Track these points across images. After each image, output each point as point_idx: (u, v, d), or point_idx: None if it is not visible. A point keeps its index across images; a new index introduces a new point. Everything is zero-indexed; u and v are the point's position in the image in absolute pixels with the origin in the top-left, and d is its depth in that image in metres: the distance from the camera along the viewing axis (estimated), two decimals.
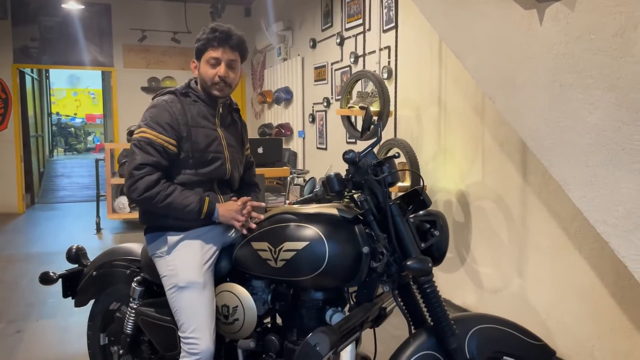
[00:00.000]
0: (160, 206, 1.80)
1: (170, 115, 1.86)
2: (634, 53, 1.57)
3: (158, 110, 1.86)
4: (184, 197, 1.82)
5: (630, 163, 1.61)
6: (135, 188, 1.80)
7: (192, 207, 1.81)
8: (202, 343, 1.73)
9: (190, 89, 1.96)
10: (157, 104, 1.89)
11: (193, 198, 1.82)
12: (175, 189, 1.82)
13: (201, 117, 1.92)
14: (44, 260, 5.10)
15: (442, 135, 3.84)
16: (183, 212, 1.81)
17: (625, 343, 2.51)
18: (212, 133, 1.93)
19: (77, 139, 17.29)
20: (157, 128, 1.83)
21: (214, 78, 1.90)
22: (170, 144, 1.84)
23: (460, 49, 2.40)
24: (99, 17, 8.43)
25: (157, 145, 1.82)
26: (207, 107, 1.95)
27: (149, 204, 1.81)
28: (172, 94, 1.92)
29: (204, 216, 1.83)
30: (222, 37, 1.88)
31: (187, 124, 1.87)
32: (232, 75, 1.92)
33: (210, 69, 1.90)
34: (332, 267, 1.61)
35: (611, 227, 1.69)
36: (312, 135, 6.48)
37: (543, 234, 2.97)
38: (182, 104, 1.90)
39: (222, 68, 1.89)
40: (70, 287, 2.29)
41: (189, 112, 1.90)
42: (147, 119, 1.86)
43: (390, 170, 1.64)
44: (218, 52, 1.88)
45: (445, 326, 1.56)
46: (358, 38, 5.06)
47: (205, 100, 1.95)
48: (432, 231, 1.68)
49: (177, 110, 1.87)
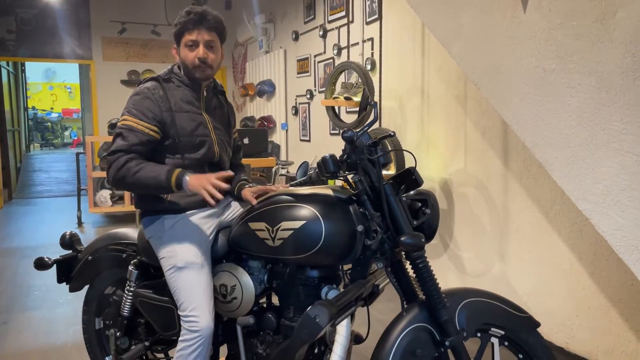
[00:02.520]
0: (130, 182, 1.81)
1: (153, 102, 1.87)
2: (614, 38, 1.66)
3: (140, 98, 1.89)
4: (151, 170, 1.81)
5: (609, 142, 1.70)
6: (109, 173, 1.84)
7: (161, 177, 1.80)
8: (202, 321, 1.77)
9: (173, 74, 1.98)
10: (140, 92, 1.91)
11: (161, 170, 1.82)
12: (144, 165, 1.82)
13: (185, 102, 1.94)
14: (25, 254, 5.06)
15: (425, 124, 3.93)
16: (153, 184, 1.80)
17: (603, 320, 2.63)
18: (197, 117, 1.96)
19: (53, 133, 17.02)
20: (138, 115, 1.85)
21: (194, 61, 1.91)
22: (152, 131, 1.86)
23: (445, 37, 2.47)
24: (77, 8, 8.32)
25: (137, 131, 1.84)
26: (191, 92, 1.97)
27: (122, 183, 1.83)
28: (154, 81, 1.94)
29: (174, 185, 1.80)
30: (197, 19, 1.89)
31: (170, 110, 1.89)
32: (212, 56, 1.93)
33: (189, 52, 1.92)
34: (328, 245, 1.66)
35: (592, 204, 1.78)
36: (295, 128, 6.52)
37: (524, 219, 3.07)
38: (164, 90, 1.92)
39: (200, 49, 1.90)
40: (64, 272, 2.29)
41: (172, 97, 1.92)
42: (130, 107, 1.88)
43: (383, 151, 1.70)
44: (194, 34, 1.90)
45: (436, 299, 1.63)
46: (341, 30, 5.11)
47: (188, 85, 1.97)
48: (424, 209, 1.75)
49: (159, 97, 1.89)
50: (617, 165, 1.69)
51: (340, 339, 1.64)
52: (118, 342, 2.14)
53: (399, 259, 1.77)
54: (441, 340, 1.62)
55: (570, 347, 2.81)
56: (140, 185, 1.82)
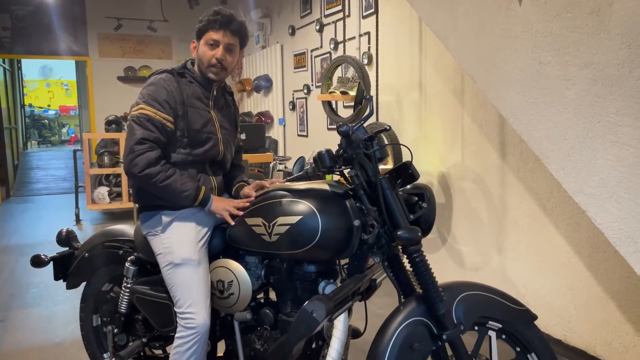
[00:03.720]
0: (159, 186, 1.82)
1: (168, 92, 1.87)
2: (609, 30, 1.65)
3: (156, 88, 1.88)
4: (182, 181, 1.84)
5: (605, 135, 1.70)
6: (135, 163, 1.80)
7: (189, 193, 1.84)
8: (198, 317, 1.77)
9: (187, 69, 1.98)
10: (155, 82, 1.90)
11: (191, 185, 1.86)
12: (175, 172, 1.85)
13: (195, 98, 1.95)
14: (23, 252, 5.05)
15: (423, 118, 3.92)
16: (179, 196, 1.84)
17: (600, 313, 2.63)
18: (206, 114, 1.96)
19: (51, 131, 16.96)
20: (155, 105, 1.85)
21: (211, 60, 1.92)
22: (168, 121, 1.86)
23: (441, 30, 2.46)
24: (72, 5, 8.28)
25: (156, 122, 1.84)
26: (202, 89, 1.98)
27: (148, 182, 1.82)
28: (169, 73, 1.93)
29: (198, 204, 1.87)
30: (224, 21, 1.90)
31: (183, 103, 1.89)
32: (229, 59, 1.94)
33: (209, 50, 1.92)
34: (325, 240, 1.66)
35: (588, 196, 1.78)
36: (293, 123, 6.51)
37: (521, 212, 3.07)
38: (178, 83, 1.92)
39: (220, 50, 1.91)
40: (61, 269, 2.29)
41: (184, 92, 1.92)
42: (145, 96, 1.87)
43: (379, 145, 1.70)
44: (219, 34, 1.91)
45: (433, 293, 1.63)
46: (338, 24, 5.10)
47: (200, 82, 1.97)
48: (420, 204, 1.74)
49: (174, 88, 1.89)
50: (613, 157, 1.69)
51: (337, 334, 1.64)
52: (116, 338, 2.14)
53: (396, 253, 1.77)
54: (438, 333, 1.62)
55: (568, 339, 2.82)
56: (166, 190, 1.84)
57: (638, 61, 1.58)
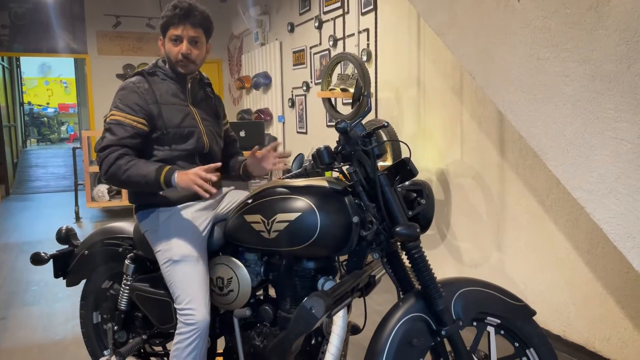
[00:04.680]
0: (122, 179, 1.81)
1: (139, 95, 1.88)
2: (608, 26, 1.65)
3: (126, 92, 1.89)
4: (141, 168, 1.81)
5: (603, 131, 1.70)
6: (102, 169, 1.84)
7: (150, 176, 1.79)
8: (198, 314, 1.77)
9: (158, 67, 1.98)
10: (125, 86, 1.92)
11: (151, 168, 1.81)
12: (135, 162, 1.82)
13: (170, 94, 1.95)
14: (23, 250, 5.06)
15: (422, 115, 3.92)
16: (143, 182, 1.81)
17: (599, 309, 2.64)
18: (184, 109, 1.96)
19: (50, 128, 16.96)
20: (125, 109, 1.86)
21: (177, 55, 1.92)
22: (140, 123, 1.86)
23: (440, 27, 2.46)
24: (71, 2, 8.26)
25: (126, 125, 1.84)
26: (176, 85, 1.98)
27: (114, 180, 1.83)
28: (139, 75, 1.95)
29: (163, 183, 1.79)
30: (182, 14, 1.89)
31: (156, 102, 1.90)
32: (195, 52, 1.94)
33: (173, 47, 1.92)
34: (324, 237, 1.66)
35: (587, 192, 1.78)
36: (292, 120, 6.51)
37: (520, 208, 3.08)
38: (149, 84, 1.92)
39: (184, 45, 1.91)
40: (61, 267, 2.29)
41: (157, 90, 1.92)
42: (117, 102, 1.89)
43: (377, 142, 1.70)
44: (179, 29, 1.90)
45: (432, 289, 1.63)
46: (337, 21, 5.09)
47: (173, 78, 1.98)
48: (419, 200, 1.74)
49: (145, 90, 1.90)
50: (611, 153, 1.69)
51: (336, 330, 1.64)
52: (116, 336, 2.15)
53: (395, 249, 1.77)
54: (437, 329, 1.62)
55: (567, 335, 2.83)
56: (131, 183, 1.83)
57: (636, 57, 1.58)
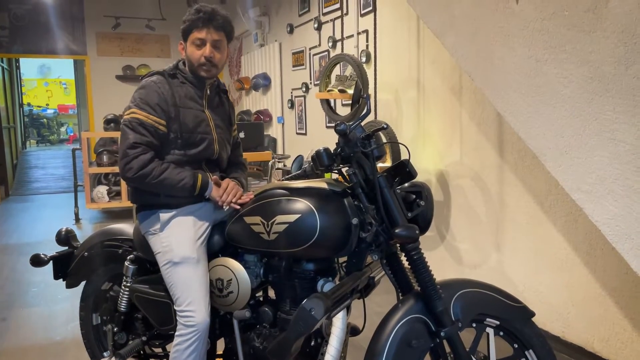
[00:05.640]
0: (154, 182, 1.83)
1: (159, 95, 1.88)
2: (605, 28, 1.66)
3: (147, 91, 1.89)
4: (177, 173, 1.85)
5: (601, 132, 1.71)
6: (130, 167, 1.82)
7: (186, 181, 1.85)
8: (198, 315, 1.77)
9: (178, 70, 1.98)
10: (146, 85, 1.91)
11: (186, 174, 1.86)
12: (168, 166, 1.86)
13: (189, 98, 1.95)
14: (23, 251, 5.06)
15: (421, 116, 3.93)
16: (176, 187, 1.84)
17: (598, 309, 2.64)
18: (200, 114, 1.97)
19: (49, 130, 16.96)
20: (146, 109, 1.86)
21: (200, 59, 1.92)
22: (160, 124, 1.87)
23: (439, 29, 2.47)
24: (70, 4, 8.27)
25: (148, 125, 1.85)
26: (195, 89, 1.98)
27: (143, 182, 1.84)
28: (160, 75, 1.94)
29: (198, 192, 1.87)
30: (206, 18, 1.90)
31: (175, 105, 1.90)
32: (218, 56, 1.95)
33: (196, 50, 1.93)
34: (323, 238, 1.66)
35: (585, 193, 1.79)
36: (292, 121, 6.51)
37: (519, 209, 3.08)
38: (170, 85, 1.92)
39: (207, 49, 1.92)
40: (61, 269, 2.30)
41: (176, 93, 1.92)
42: (137, 100, 1.88)
43: (377, 143, 1.70)
44: (202, 32, 1.91)
45: (431, 291, 1.63)
46: (336, 22, 5.10)
47: (192, 82, 1.98)
48: (418, 201, 1.75)
49: (165, 91, 1.90)
50: (609, 154, 1.69)
51: (336, 331, 1.65)
52: (115, 337, 2.15)
53: (394, 251, 1.77)
54: (436, 331, 1.62)
55: (567, 336, 2.83)
56: (162, 185, 1.84)
57: (634, 59, 1.58)
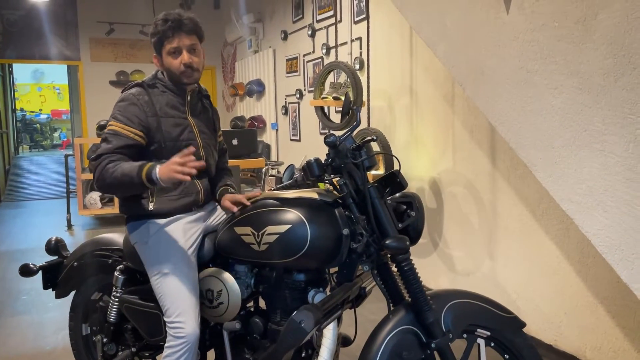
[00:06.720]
0: (110, 184, 1.79)
1: (138, 107, 1.87)
2: (595, 39, 1.67)
3: (126, 104, 1.88)
4: (125, 168, 1.77)
5: (591, 143, 1.71)
6: (94, 177, 1.83)
7: (133, 173, 1.75)
8: (188, 327, 1.76)
9: (158, 79, 1.97)
10: (125, 98, 1.91)
11: (134, 166, 1.77)
12: (120, 164, 1.79)
13: (170, 107, 1.94)
14: (14, 258, 5.01)
15: (414, 124, 3.94)
16: (127, 181, 1.76)
17: (590, 318, 2.65)
18: (182, 121, 1.96)
19: (42, 135, 16.89)
20: (124, 120, 1.85)
21: (180, 67, 1.91)
22: (137, 135, 1.85)
23: (431, 38, 2.48)
24: (64, 9, 8.26)
25: (122, 135, 1.83)
26: (176, 97, 1.97)
27: (105, 186, 1.81)
28: (139, 87, 1.94)
29: (145, 178, 1.73)
30: (175, 25, 1.88)
31: (155, 115, 1.89)
32: (196, 60, 1.93)
33: (174, 60, 1.91)
34: (314, 249, 1.66)
35: (575, 204, 1.79)
36: (285, 127, 6.51)
37: (512, 217, 3.09)
38: (149, 96, 1.91)
39: (184, 55, 1.90)
40: (50, 278, 2.28)
41: (157, 103, 1.91)
42: (116, 113, 1.88)
43: (367, 154, 1.70)
44: (175, 41, 1.89)
45: (422, 301, 1.63)
46: (329, 29, 5.11)
47: (173, 90, 1.97)
48: (409, 212, 1.75)
49: (145, 102, 1.89)
50: (599, 165, 1.70)
51: (326, 343, 1.64)
52: (105, 348, 2.13)
53: (385, 261, 1.77)
54: (427, 342, 1.62)
55: (559, 344, 2.83)
56: (118, 185, 1.79)
57: (623, 71, 1.59)
